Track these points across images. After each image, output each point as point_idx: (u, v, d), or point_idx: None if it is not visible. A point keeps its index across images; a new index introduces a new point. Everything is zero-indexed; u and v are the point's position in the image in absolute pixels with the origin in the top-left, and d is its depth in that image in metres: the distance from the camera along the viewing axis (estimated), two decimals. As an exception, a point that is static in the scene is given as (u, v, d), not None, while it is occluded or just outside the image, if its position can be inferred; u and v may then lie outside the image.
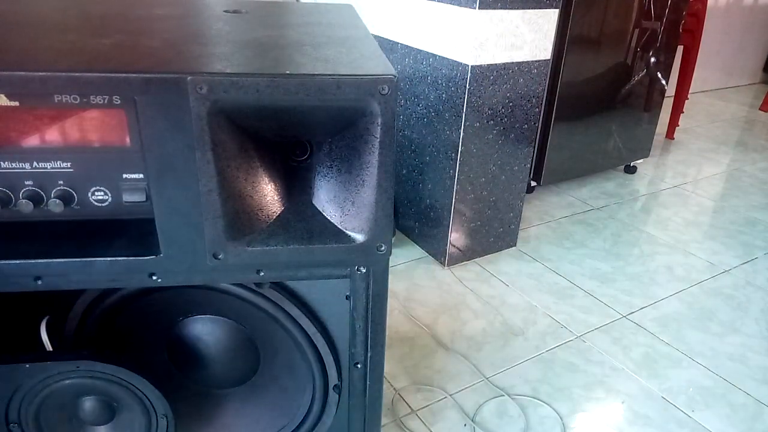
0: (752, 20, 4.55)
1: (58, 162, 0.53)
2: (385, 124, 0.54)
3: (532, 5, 1.68)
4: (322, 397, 0.75)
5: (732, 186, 2.79)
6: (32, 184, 0.53)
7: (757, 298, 1.90)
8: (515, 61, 1.74)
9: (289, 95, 0.52)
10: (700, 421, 1.39)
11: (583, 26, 2.23)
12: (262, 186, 0.58)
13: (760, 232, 2.34)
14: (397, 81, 0.53)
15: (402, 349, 1.59)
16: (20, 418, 0.69)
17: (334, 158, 0.59)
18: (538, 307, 1.80)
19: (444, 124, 1.82)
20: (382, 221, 0.59)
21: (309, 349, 0.71)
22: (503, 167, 1.92)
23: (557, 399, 1.44)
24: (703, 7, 2.96)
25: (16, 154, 0.52)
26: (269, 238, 0.58)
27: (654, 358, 1.59)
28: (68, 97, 0.49)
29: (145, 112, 0.50)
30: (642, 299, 1.86)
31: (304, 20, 0.83)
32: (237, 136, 0.54)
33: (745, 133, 3.64)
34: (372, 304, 0.66)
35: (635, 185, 2.75)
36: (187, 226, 0.56)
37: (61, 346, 0.68)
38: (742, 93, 4.63)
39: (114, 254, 0.52)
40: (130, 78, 0.49)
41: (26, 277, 0.56)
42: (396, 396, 1.42)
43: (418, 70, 1.89)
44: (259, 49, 0.63)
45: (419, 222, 2.07)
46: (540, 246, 2.15)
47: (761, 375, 1.55)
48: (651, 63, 2.56)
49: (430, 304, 1.79)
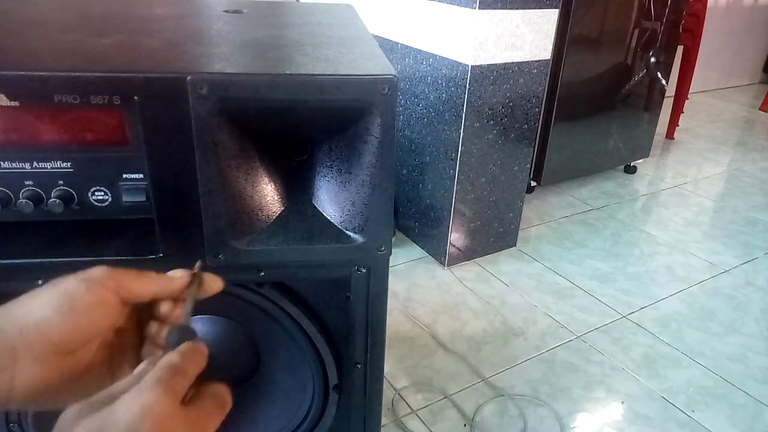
0: (752, 20, 4.55)
1: (58, 162, 0.53)
2: (385, 124, 0.54)
3: (532, 5, 1.68)
4: (322, 397, 0.75)
5: (732, 186, 2.79)
6: (32, 184, 0.53)
7: (757, 298, 1.90)
8: (515, 61, 1.74)
9: (290, 95, 0.52)
10: (700, 421, 1.39)
11: (583, 26, 2.23)
12: (262, 186, 0.58)
13: (760, 232, 2.34)
14: (397, 81, 0.53)
15: (402, 349, 1.59)
16: (20, 417, 0.69)
17: (334, 158, 0.59)
18: (538, 307, 1.80)
19: (444, 124, 1.82)
20: (382, 221, 0.59)
21: (309, 349, 0.71)
22: (503, 167, 1.92)
23: (557, 399, 1.44)
24: (703, 7, 2.96)
25: (16, 154, 0.52)
26: (269, 238, 0.58)
27: (654, 358, 1.59)
28: (68, 97, 0.49)
29: (145, 112, 0.50)
30: (642, 299, 1.86)
31: (304, 20, 0.83)
32: (237, 136, 0.54)
33: (745, 133, 3.64)
34: (372, 304, 0.66)
35: (635, 185, 2.75)
36: (187, 226, 0.56)
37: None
38: (742, 93, 4.62)
39: (114, 254, 0.52)
40: (130, 78, 0.49)
41: (26, 277, 0.56)
42: (396, 396, 1.42)
43: (418, 70, 1.89)
44: (259, 49, 0.63)
45: (419, 222, 2.07)
46: (540, 246, 2.15)
47: (761, 375, 1.55)
48: (651, 63, 2.56)
49: (430, 304, 1.79)
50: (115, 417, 0.32)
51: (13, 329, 0.38)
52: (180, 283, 0.45)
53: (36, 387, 0.38)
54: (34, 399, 0.39)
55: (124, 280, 0.42)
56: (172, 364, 0.36)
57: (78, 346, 0.40)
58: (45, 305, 0.39)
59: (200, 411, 0.37)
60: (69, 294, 0.40)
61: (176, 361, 0.37)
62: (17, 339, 0.37)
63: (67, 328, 0.39)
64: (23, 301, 0.40)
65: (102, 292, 0.41)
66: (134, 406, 0.33)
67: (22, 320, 0.38)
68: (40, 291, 0.40)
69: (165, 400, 0.34)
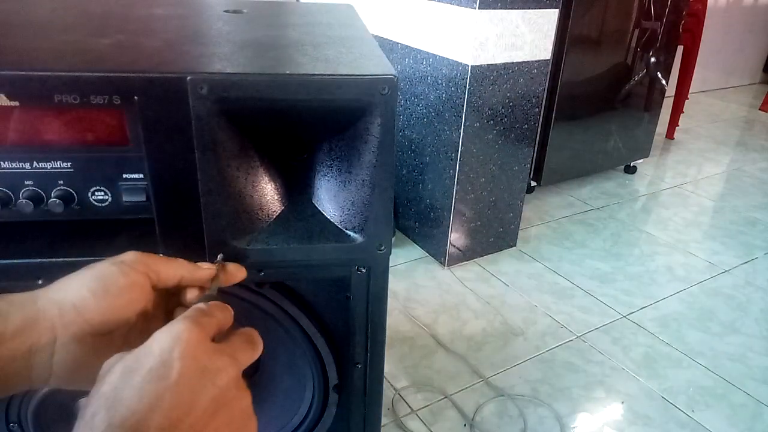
0: (752, 20, 4.55)
1: (58, 162, 0.53)
2: (385, 124, 0.54)
3: (532, 5, 1.68)
4: (322, 396, 0.75)
5: (732, 186, 2.79)
6: (32, 184, 0.53)
7: (757, 298, 1.90)
8: (515, 61, 1.74)
9: (289, 95, 0.52)
10: (700, 421, 1.39)
11: (583, 26, 2.23)
12: (262, 185, 0.58)
13: (760, 232, 2.34)
14: (397, 81, 0.53)
15: (402, 349, 1.59)
16: (20, 417, 0.69)
17: (334, 157, 0.59)
18: (538, 307, 1.80)
19: (444, 124, 1.82)
20: (382, 221, 0.59)
21: (309, 349, 0.71)
22: (503, 167, 1.92)
23: (557, 399, 1.44)
24: (703, 7, 2.96)
25: (16, 154, 0.52)
26: (269, 238, 0.58)
27: (654, 358, 1.59)
28: (68, 97, 0.49)
29: (145, 112, 0.50)
30: (642, 299, 1.86)
31: (304, 20, 0.83)
32: (237, 136, 0.54)
33: (745, 133, 3.64)
34: (372, 304, 0.66)
35: (635, 185, 2.75)
36: (187, 226, 0.56)
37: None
38: (742, 93, 4.63)
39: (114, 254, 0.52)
40: (130, 78, 0.49)
41: (26, 277, 0.56)
42: (396, 396, 1.42)
43: (418, 70, 1.89)
44: (259, 49, 0.63)
45: (419, 222, 2.07)
46: (540, 246, 2.15)
47: (761, 375, 1.55)
48: (651, 63, 2.56)
49: (430, 304, 1.79)
50: (149, 348, 0.36)
51: (53, 309, 0.40)
52: (207, 273, 0.48)
53: (72, 366, 0.41)
54: (69, 378, 0.41)
55: (154, 263, 0.45)
56: (199, 308, 0.40)
57: (113, 327, 0.43)
58: (81, 287, 0.42)
59: (229, 344, 0.40)
60: (103, 276, 0.43)
61: (203, 307, 0.41)
62: (57, 318, 0.40)
63: (102, 309, 0.42)
64: (61, 283, 0.42)
65: (134, 275, 0.44)
66: (165, 338, 0.36)
67: (61, 301, 0.41)
68: (76, 275, 0.43)
69: (193, 329, 0.37)
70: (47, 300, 0.41)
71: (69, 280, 0.42)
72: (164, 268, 0.46)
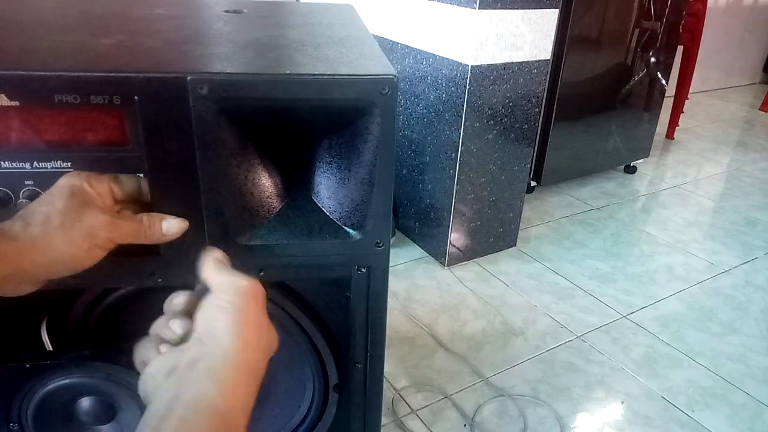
0: (752, 20, 4.55)
1: (58, 162, 0.53)
2: (385, 124, 0.54)
3: (532, 5, 1.68)
4: (322, 396, 0.75)
5: (732, 186, 2.79)
6: (32, 184, 0.53)
7: (757, 298, 1.90)
8: (515, 61, 1.74)
9: (290, 95, 0.52)
10: (700, 421, 1.39)
11: (583, 26, 2.23)
12: (262, 183, 0.58)
13: (760, 232, 2.35)
14: (397, 81, 0.53)
15: (402, 349, 1.59)
16: (20, 418, 0.69)
17: (334, 155, 0.59)
18: (538, 307, 1.80)
19: (444, 124, 1.82)
20: (381, 219, 0.59)
21: (309, 348, 0.71)
22: (503, 167, 1.92)
23: (557, 399, 1.44)
24: (703, 7, 2.96)
25: (16, 154, 0.52)
26: (269, 234, 0.58)
27: (654, 358, 1.59)
28: (68, 97, 0.49)
29: (145, 112, 0.50)
30: (642, 299, 1.86)
31: (304, 20, 0.83)
32: (237, 136, 0.54)
33: (745, 133, 3.64)
34: (372, 304, 0.66)
35: (635, 185, 2.76)
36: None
37: (62, 346, 0.68)
38: (742, 93, 4.63)
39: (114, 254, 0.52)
40: (131, 78, 0.49)
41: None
42: (396, 396, 1.43)
43: (418, 70, 1.89)
44: (259, 49, 0.63)
45: (419, 222, 2.07)
46: (540, 246, 2.15)
47: (761, 375, 1.55)
48: (651, 63, 2.56)
49: (430, 304, 1.79)
50: (214, 325, 0.45)
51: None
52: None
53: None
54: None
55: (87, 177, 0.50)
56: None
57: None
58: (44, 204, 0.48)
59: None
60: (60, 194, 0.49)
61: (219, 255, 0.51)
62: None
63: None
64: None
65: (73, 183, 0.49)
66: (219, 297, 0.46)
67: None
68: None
69: (244, 281, 0.47)
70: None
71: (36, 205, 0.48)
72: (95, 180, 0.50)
